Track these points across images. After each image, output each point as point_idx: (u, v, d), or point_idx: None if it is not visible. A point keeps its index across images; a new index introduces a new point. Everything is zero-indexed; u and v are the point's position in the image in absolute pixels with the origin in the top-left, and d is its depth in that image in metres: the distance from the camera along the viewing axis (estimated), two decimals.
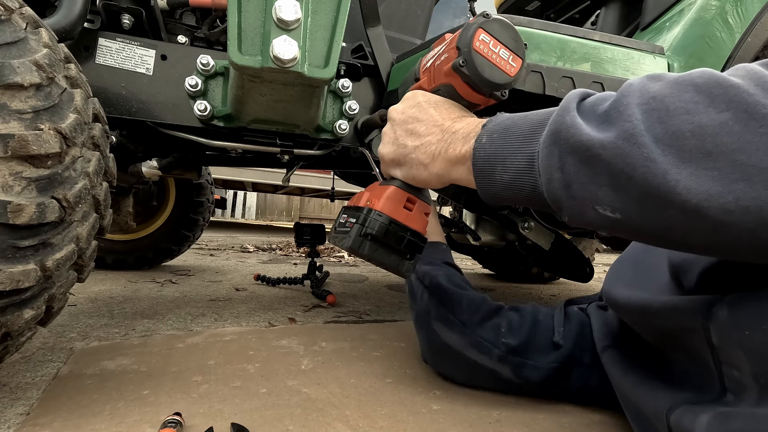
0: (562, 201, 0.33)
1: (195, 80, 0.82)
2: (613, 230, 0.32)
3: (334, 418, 0.57)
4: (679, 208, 0.27)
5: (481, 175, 0.40)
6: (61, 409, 0.55)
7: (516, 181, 0.37)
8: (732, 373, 0.33)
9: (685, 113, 0.27)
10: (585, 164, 0.31)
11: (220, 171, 3.77)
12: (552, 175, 0.33)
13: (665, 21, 0.95)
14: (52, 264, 0.49)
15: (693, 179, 0.26)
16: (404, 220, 0.50)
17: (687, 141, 0.27)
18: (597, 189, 0.30)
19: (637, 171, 0.28)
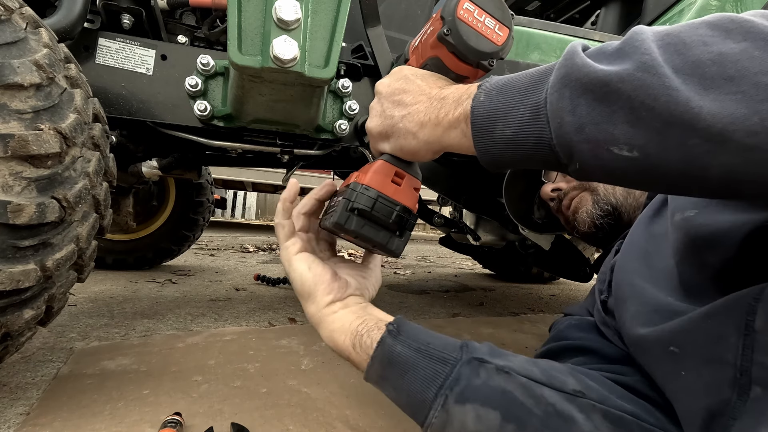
0: (574, 146, 0.31)
1: (195, 80, 0.82)
2: (626, 174, 0.30)
3: (334, 418, 0.57)
4: (702, 134, 0.26)
5: (480, 134, 0.37)
6: (61, 409, 0.55)
7: (519, 135, 0.35)
8: (766, 361, 0.31)
9: (703, 45, 0.28)
10: (601, 102, 0.30)
11: (220, 171, 3.77)
12: (563, 119, 0.31)
13: (665, 21, 0.95)
14: (52, 264, 0.49)
15: (716, 104, 0.26)
16: (392, 194, 0.47)
17: (708, 68, 0.27)
18: (613, 128, 0.29)
19: (659, 101, 0.27)
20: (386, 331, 0.45)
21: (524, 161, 0.36)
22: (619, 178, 0.31)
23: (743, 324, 0.33)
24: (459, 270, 2.49)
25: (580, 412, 0.38)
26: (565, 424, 0.38)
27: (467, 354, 0.43)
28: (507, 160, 0.37)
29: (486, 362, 0.42)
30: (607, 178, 0.32)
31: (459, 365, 0.42)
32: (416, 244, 4.39)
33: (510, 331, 1.11)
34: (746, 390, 0.33)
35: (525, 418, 0.38)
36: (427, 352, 0.43)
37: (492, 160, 0.38)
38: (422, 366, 0.43)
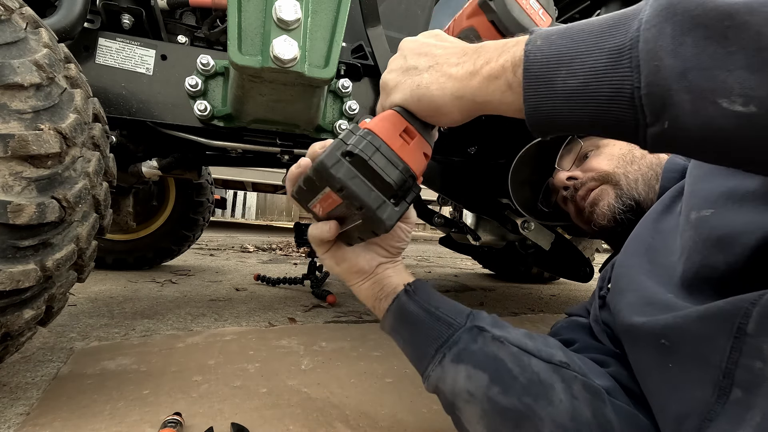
0: (671, 96, 0.25)
1: (195, 80, 0.82)
2: (730, 139, 0.25)
3: (334, 418, 0.57)
4: None
5: (534, 85, 0.30)
6: (61, 409, 0.55)
7: (590, 86, 0.28)
8: (753, 365, 0.32)
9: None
10: (716, 40, 0.24)
11: (220, 171, 3.77)
12: (662, 61, 0.25)
13: None
14: (52, 264, 0.49)
15: None
16: (398, 149, 0.39)
17: None
18: (727, 74, 0.24)
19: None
20: (403, 289, 0.50)
21: (587, 122, 0.30)
22: (719, 143, 0.25)
23: (735, 327, 0.33)
24: (459, 270, 2.49)
25: (561, 382, 0.41)
26: (544, 390, 0.41)
27: (471, 321, 0.46)
28: (564, 119, 0.30)
29: (485, 330, 0.45)
30: (702, 143, 0.25)
31: (461, 330, 0.46)
32: (416, 244, 4.39)
33: None
34: (726, 392, 0.33)
35: (510, 382, 0.42)
36: (435, 314, 0.47)
37: (544, 120, 0.31)
38: (429, 325, 0.47)
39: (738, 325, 0.33)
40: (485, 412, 0.42)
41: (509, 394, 0.41)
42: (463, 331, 0.46)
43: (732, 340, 0.33)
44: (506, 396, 0.41)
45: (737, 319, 0.33)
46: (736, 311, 0.33)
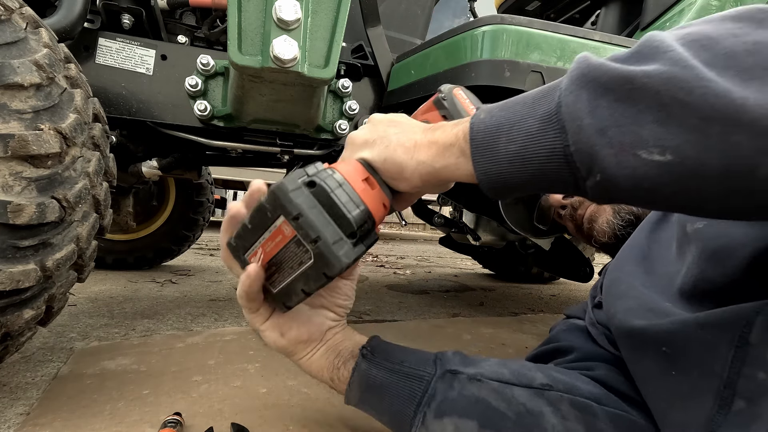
0: (596, 152, 0.28)
1: (195, 80, 0.82)
2: (657, 185, 0.27)
3: (334, 418, 0.57)
4: (748, 129, 0.23)
5: (480, 151, 0.34)
6: (61, 409, 0.55)
7: (527, 149, 0.31)
8: (756, 375, 0.31)
9: (733, 36, 0.26)
10: (624, 101, 0.27)
11: (220, 171, 3.77)
12: (582, 121, 0.28)
13: (665, 21, 0.95)
14: (52, 264, 0.49)
15: (761, 95, 0.23)
16: (361, 191, 0.39)
17: (744, 59, 0.25)
18: (640, 128, 0.26)
19: (694, 94, 0.24)
20: (360, 355, 0.47)
21: (532, 181, 0.32)
22: (647, 190, 0.27)
23: (737, 336, 0.33)
24: (459, 270, 2.49)
25: (548, 405, 0.40)
26: (535, 420, 0.40)
27: (441, 368, 0.44)
28: (512, 181, 0.33)
29: (459, 373, 0.43)
30: (634, 191, 0.28)
31: (433, 380, 0.44)
32: (416, 244, 4.38)
33: (510, 331, 1.10)
34: (729, 402, 0.33)
35: (499, 421, 0.40)
36: (401, 371, 0.45)
37: (494, 182, 0.34)
38: (399, 386, 0.45)
39: (740, 335, 0.32)
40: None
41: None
42: (436, 381, 0.44)
43: (734, 350, 0.33)
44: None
45: (739, 328, 0.33)
46: (739, 320, 0.33)
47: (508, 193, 0.35)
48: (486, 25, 0.75)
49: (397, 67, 0.95)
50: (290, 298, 0.42)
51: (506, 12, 1.44)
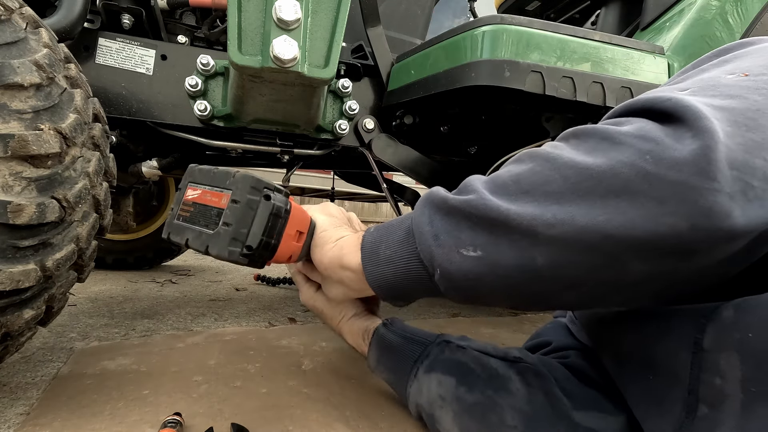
0: (433, 251, 0.38)
1: (195, 80, 0.82)
2: (478, 277, 0.36)
3: (334, 419, 0.57)
4: (518, 230, 0.33)
5: (368, 257, 0.45)
6: (61, 409, 0.55)
7: (396, 253, 0.42)
8: (713, 381, 0.32)
9: (507, 171, 0.36)
10: (449, 216, 0.37)
11: None
12: (423, 228, 0.39)
13: (665, 21, 0.95)
14: (52, 264, 0.49)
15: (520, 208, 0.33)
16: (286, 235, 0.47)
17: (510, 187, 0.35)
18: (460, 233, 0.36)
19: (481, 210, 0.35)
20: (381, 323, 0.61)
21: (404, 280, 0.42)
22: (473, 281, 0.36)
23: (692, 342, 0.34)
24: None
25: (517, 374, 0.49)
26: (503, 383, 0.48)
27: (440, 338, 0.56)
28: (390, 280, 0.43)
29: (451, 342, 0.55)
30: (465, 282, 0.37)
31: (430, 345, 0.55)
32: None
33: (510, 331, 1.10)
34: (694, 409, 0.34)
35: (473, 380, 0.49)
36: (410, 338, 0.57)
37: (378, 281, 0.44)
38: (405, 347, 0.56)
39: (695, 341, 0.34)
40: (456, 414, 0.48)
41: (473, 391, 0.48)
42: (433, 346, 0.55)
43: (692, 356, 0.34)
44: (471, 393, 0.48)
45: (693, 333, 0.34)
46: (692, 325, 0.34)
47: (394, 295, 0.45)
48: (486, 25, 0.75)
49: (397, 67, 0.95)
50: (178, 235, 0.48)
51: (506, 12, 1.44)
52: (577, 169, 0.32)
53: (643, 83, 0.80)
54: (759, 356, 0.30)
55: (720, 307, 0.33)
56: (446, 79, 0.78)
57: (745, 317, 0.31)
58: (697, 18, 0.88)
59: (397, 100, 0.92)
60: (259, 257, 0.45)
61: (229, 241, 0.43)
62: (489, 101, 0.89)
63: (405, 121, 0.96)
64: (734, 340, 0.31)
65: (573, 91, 0.75)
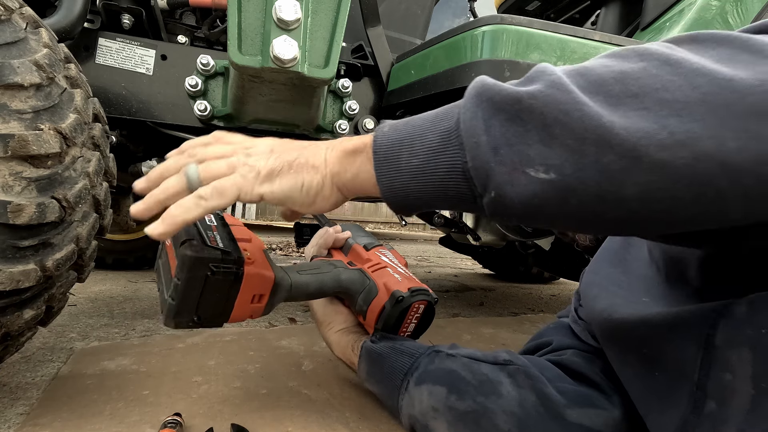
0: (491, 169, 0.29)
1: (195, 80, 0.82)
2: (543, 202, 0.29)
3: (334, 420, 0.57)
4: (617, 150, 0.26)
5: (384, 165, 0.34)
6: (61, 409, 0.55)
7: (429, 163, 0.32)
8: (723, 377, 0.32)
9: (603, 66, 0.29)
10: (514, 121, 0.29)
11: None
12: (479, 138, 0.30)
13: (665, 21, 0.95)
14: (52, 264, 0.49)
15: (626, 120, 0.26)
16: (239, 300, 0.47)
17: (612, 86, 0.27)
18: (528, 148, 0.28)
19: (572, 116, 0.27)
20: (369, 338, 0.60)
21: (434, 196, 0.34)
22: (536, 207, 0.29)
23: (704, 339, 0.33)
24: (459, 270, 2.49)
25: (507, 377, 0.47)
26: (493, 387, 0.47)
27: (430, 349, 0.54)
28: (415, 195, 0.34)
29: (441, 351, 0.53)
30: (524, 208, 0.29)
31: (420, 356, 0.53)
32: (416, 244, 4.38)
33: (510, 331, 1.10)
34: (701, 404, 0.33)
35: (464, 387, 0.47)
36: (399, 349, 0.56)
37: (398, 196, 0.35)
38: (394, 359, 0.55)
39: (706, 337, 0.33)
40: (450, 423, 0.47)
41: (465, 399, 0.46)
42: (422, 357, 0.53)
43: (702, 352, 0.34)
44: (463, 401, 0.46)
45: (705, 330, 0.33)
46: (704, 322, 0.34)
47: (412, 208, 0.36)
48: (486, 25, 0.75)
49: (397, 67, 0.95)
50: (157, 276, 0.51)
51: (506, 12, 1.44)
52: (712, 77, 0.25)
53: None
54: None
55: (733, 303, 0.32)
56: (446, 79, 0.78)
57: (758, 313, 0.31)
58: (697, 18, 0.88)
59: (397, 100, 0.92)
60: (211, 324, 0.46)
61: (175, 314, 0.43)
62: None
63: None
64: (747, 336, 0.31)
65: None
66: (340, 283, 0.59)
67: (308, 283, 0.55)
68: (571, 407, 0.45)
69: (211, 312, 0.44)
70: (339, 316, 0.65)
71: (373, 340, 0.59)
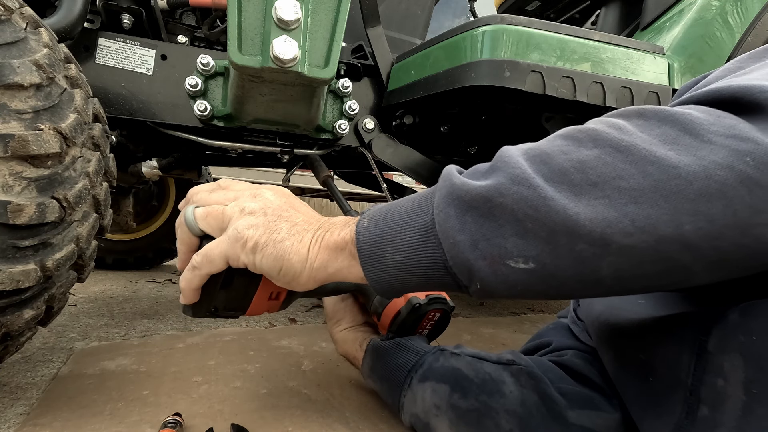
0: (472, 264, 0.31)
1: (195, 80, 0.82)
2: (528, 287, 0.30)
3: (334, 420, 0.57)
4: (586, 240, 0.28)
5: (369, 261, 0.36)
6: (61, 409, 0.55)
7: (411, 259, 0.34)
8: (716, 382, 0.32)
9: (563, 153, 0.30)
10: (487, 217, 0.30)
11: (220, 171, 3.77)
12: (455, 238, 0.31)
13: (665, 21, 0.95)
14: (52, 264, 0.49)
15: (590, 209, 0.28)
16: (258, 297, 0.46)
17: (573, 175, 0.29)
18: (504, 241, 0.30)
19: (540, 211, 0.28)
20: (379, 337, 0.61)
21: (420, 286, 0.35)
22: (521, 292, 0.31)
23: (697, 344, 0.34)
24: None
25: (510, 376, 0.48)
26: (496, 386, 0.47)
27: (435, 348, 0.55)
28: (401, 285, 0.36)
29: (446, 350, 0.54)
30: (510, 292, 0.31)
31: (425, 354, 0.54)
32: None
33: (510, 331, 1.10)
34: (694, 410, 0.34)
35: (467, 386, 0.48)
36: (405, 346, 0.56)
37: (386, 287, 0.36)
38: (400, 357, 0.55)
39: (699, 343, 0.34)
40: (452, 422, 0.47)
41: (468, 397, 0.47)
42: (427, 355, 0.53)
43: (695, 358, 0.34)
44: (465, 399, 0.47)
45: (698, 335, 0.34)
46: (697, 327, 0.34)
47: (399, 294, 0.38)
48: (486, 25, 0.75)
49: (397, 67, 0.95)
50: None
51: (506, 12, 1.44)
52: (660, 165, 0.27)
53: (643, 83, 0.80)
54: (763, 359, 0.30)
55: (726, 310, 0.33)
56: (446, 79, 0.78)
57: (750, 320, 0.31)
58: (697, 18, 0.88)
59: (397, 100, 0.92)
60: (228, 316, 0.46)
61: (193, 305, 0.44)
62: (489, 101, 0.89)
63: (405, 121, 0.96)
64: (739, 342, 0.31)
65: (573, 91, 0.75)
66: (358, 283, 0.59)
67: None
68: (573, 408, 0.45)
69: (228, 305, 0.45)
70: (348, 314, 0.65)
71: (382, 339, 0.59)
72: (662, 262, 0.28)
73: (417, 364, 0.53)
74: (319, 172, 0.95)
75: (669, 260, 0.27)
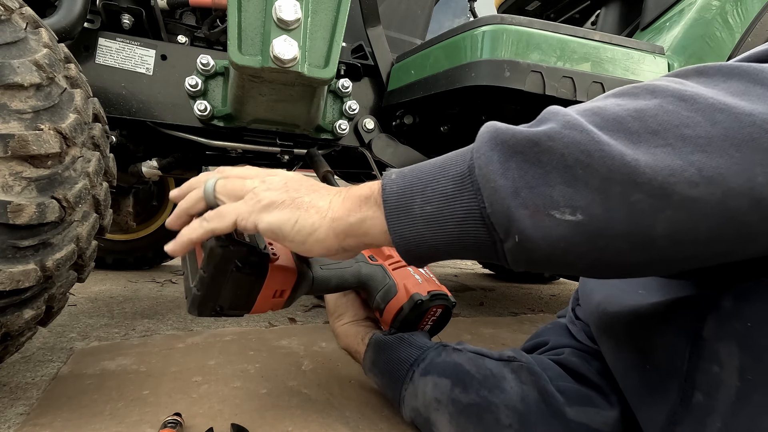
0: (512, 212, 0.28)
1: (195, 80, 0.82)
2: (571, 245, 0.27)
3: (334, 420, 0.57)
4: (645, 189, 0.25)
5: (395, 212, 0.33)
6: (61, 409, 0.55)
7: (443, 210, 0.31)
8: (711, 369, 0.32)
9: (616, 105, 0.28)
10: (533, 163, 0.28)
11: None
12: (496, 182, 0.28)
13: (665, 21, 0.95)
14: (52, 264, 0.49)
15: (651, 157, 0.25)
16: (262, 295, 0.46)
17: (630, 123, 0.26)
18: (550, 190, 0.27)
19: (594, 156, 0.26)
20: (381, 332, 0.61)
21: (450, 243, 0.32)
22: (562, 250, 0.28)
23: (692, 331, 0.34)
24: (459, 270, 2.49)
25: (511, 372, 0.48)
26: (497, 382, 0.47)
27: (437, 343, 0.56)
28: (429, 244, 0.32)
29: (448, 346, 0.54)
30: (551, 251, 0.28)
31: (428, 349, 0.54)
32: None
33: (510, 331, 1.10)
34: (689, 396, 0.34)
35: (468, 381, 0.48)
36: (408, 340, 0.56)
37: (411, 245, 0.33)
38: (402, 350, 0.55)
39: (694, 330, 0.34)
40: (452, 416, 0.47)
41: (468, 392, 0.47)
42: (430, 350, 0.54)
43: (691, 344, 0.34)
44: (466, 394, 0.47)
45: (693, 322, 0.34)
46: (692, 314, 0.34)
47: (424, 258, 0.34)
48: (486, 25, 0.75)
49: (397, 67, 0.95)
50: (183, 264, 0.51)
51: (506, 12, 1.44)
52: (731, 113, 0.25)
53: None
54: (757, 345, 0.30)
55: (720, 297, 0.33)
56: (446, 79, 0.78)
57: (744, 307, 0.31)
58: (697, 18, 0.88)
59: (397, 100, 0.92)
60: (232, 314, 0.47)
61: (199, 303, 0.44)
62: (489, 101, 0.89)
63: (405, 121, 0.96)
64: (734, 329, 0.31)
65: (573, 91, 0.75)
66: (360, 279, 0.59)
67: (329, 279, 0.55)
68: (571, 405, 0.46)
69: (233, 303, 0.45)
70: (351, 309, 0.65)
71: (385, 334, 0.59)
72: (725, 224, 0.25)
73: (419, 359, 0.53)
74: (319, 167, 0.95)
75: (732, 220, 0.25)
